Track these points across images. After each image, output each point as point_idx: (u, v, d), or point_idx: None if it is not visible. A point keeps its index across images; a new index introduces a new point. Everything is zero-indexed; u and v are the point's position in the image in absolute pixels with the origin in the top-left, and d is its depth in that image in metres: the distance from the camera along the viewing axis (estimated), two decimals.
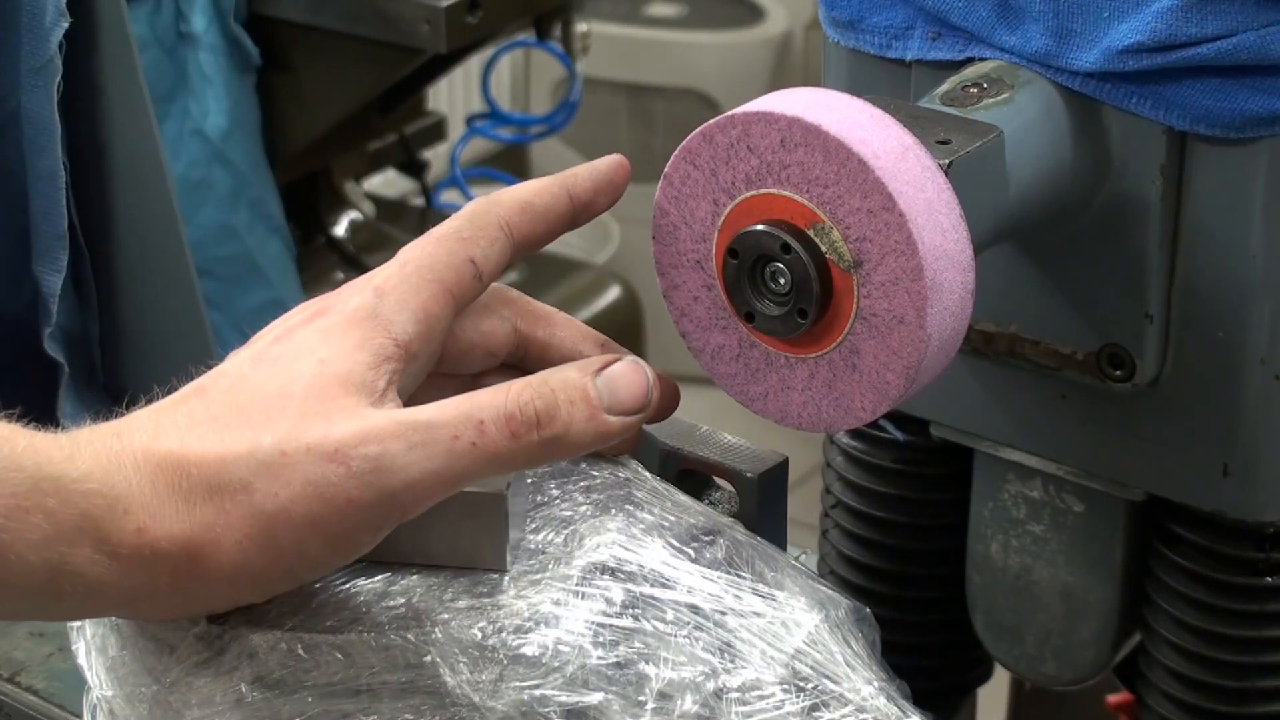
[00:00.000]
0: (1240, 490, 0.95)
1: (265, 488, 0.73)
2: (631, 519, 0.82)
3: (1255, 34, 0.86)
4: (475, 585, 0.78)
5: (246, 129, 2.10)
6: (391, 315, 0.77)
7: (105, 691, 0.80)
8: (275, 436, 0.74)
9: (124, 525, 0.73)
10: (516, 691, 0.75)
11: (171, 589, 0.74)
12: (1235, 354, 0.92)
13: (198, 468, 0.74)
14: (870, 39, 0.96)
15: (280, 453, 0.74)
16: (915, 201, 0.77)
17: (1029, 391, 0.99)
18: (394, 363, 0.77)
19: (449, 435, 0.74)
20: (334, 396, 0.75)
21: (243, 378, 0.77)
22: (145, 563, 0.73)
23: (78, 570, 0.73)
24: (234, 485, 0.74)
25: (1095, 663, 1.06)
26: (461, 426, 0.75)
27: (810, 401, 0.83)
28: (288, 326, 0.78)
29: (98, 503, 0.73)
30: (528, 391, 0.76)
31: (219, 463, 0.74)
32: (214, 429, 0.75)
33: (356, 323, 0.77)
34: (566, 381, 0.77)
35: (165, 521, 0.73)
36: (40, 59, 1.34)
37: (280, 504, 0.73)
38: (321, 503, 0.73)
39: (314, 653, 0.76)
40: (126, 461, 0.74)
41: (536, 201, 0.82)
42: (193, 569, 0.74)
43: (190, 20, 2.02)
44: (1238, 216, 0.90)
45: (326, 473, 0.73)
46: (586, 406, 0.77)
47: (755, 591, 0.80)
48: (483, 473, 0.76)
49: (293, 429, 0.74)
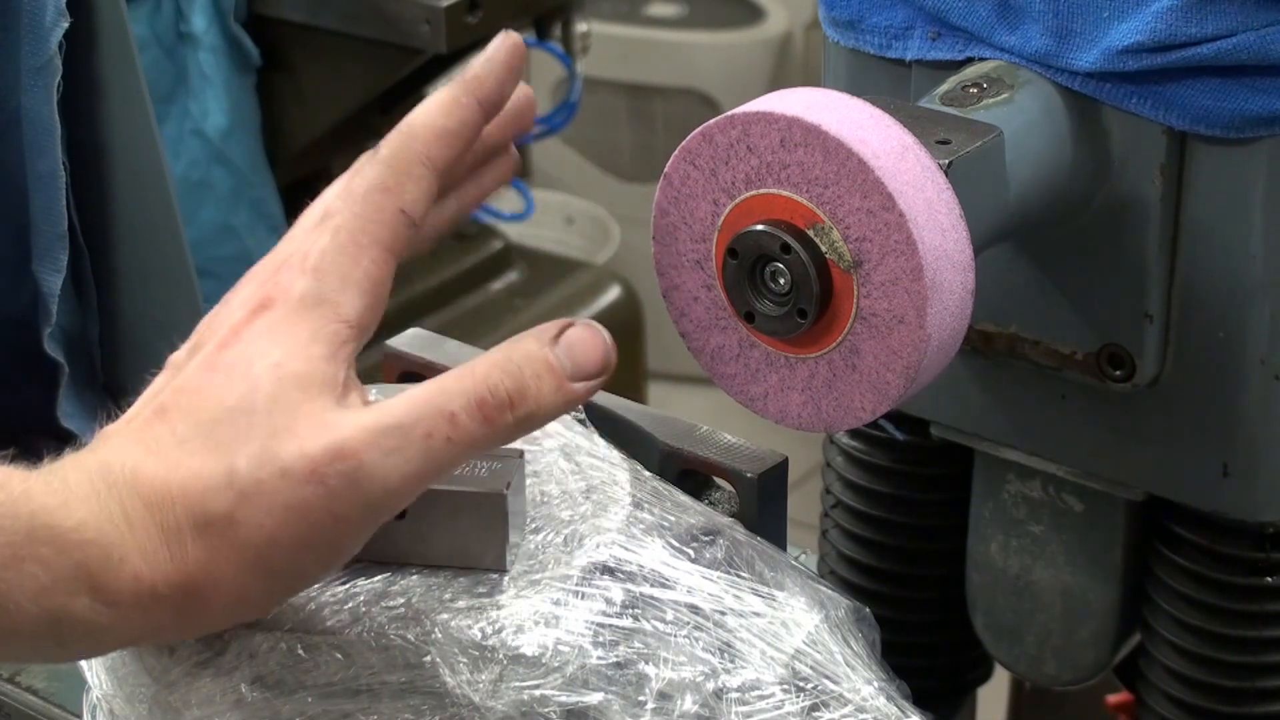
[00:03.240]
0: (1240, 490, 0.95)
1: (249, 519, 0.72)
2: (631, 519, 0.82)
3: (1255, 34, 0.86)
4: (475, 585, 0.78)
5: (246, 129, 2.10)
6: (337, 296, 0.75)
7: (105, 691, 0.80)
8: (248, 461, 0.72)
9: (120, 573, 0.72)
10: (516, 691, 0.75)
11: (175, 625, 0.74)
12: (1235, 354, 0.92)
13: (181, 503, 0.72)
14: (870, 39, 0.96)
15: (256, 480, 0.72)
16: (915, 201, 0.77)
17: (1029, 391, 0.99)
18: (349, 345, 0.75)
19: (422, 434, 0.73)
20: (297, 404, 0.73)
21: (199, 391, 0.74)
22: (145, 608, 0.72)
23: (78, 619, 0.72)
24: (219, 520, 0.72)
25: (1095, 663, 1.06)
26: (434, 422, 0.73)
27: (810, 401, 0.82)
28: (232, 326, 0.76)
29: (93, 553, 0.71)
30: (495, 372, 0.74)
31: (200, 494, 0.72)
32: (186, 454, 0.73)
33: (303, 313, 0.75)
34: (529, 355, 0.75)
35: (161, 566, 0.72)
36: (40, 59, 1.34)
37: (267, 534, 0.72)
38: (306, 525, 0.72)
39: (314, 653, 0.76)
40: (114, 505, 0.72)
41: (450, 123, 0.79)
42: (193, 605, 0.73)
43: (190, 20, 2.02)
44: (1238, 216, 0.90)
45: (305, 495, 0.72)
46: (553, 377, 0.75)
47: (755, 591, 0.80)
48: (460, 462, 0.75)
49: (263, 451, 0.72)
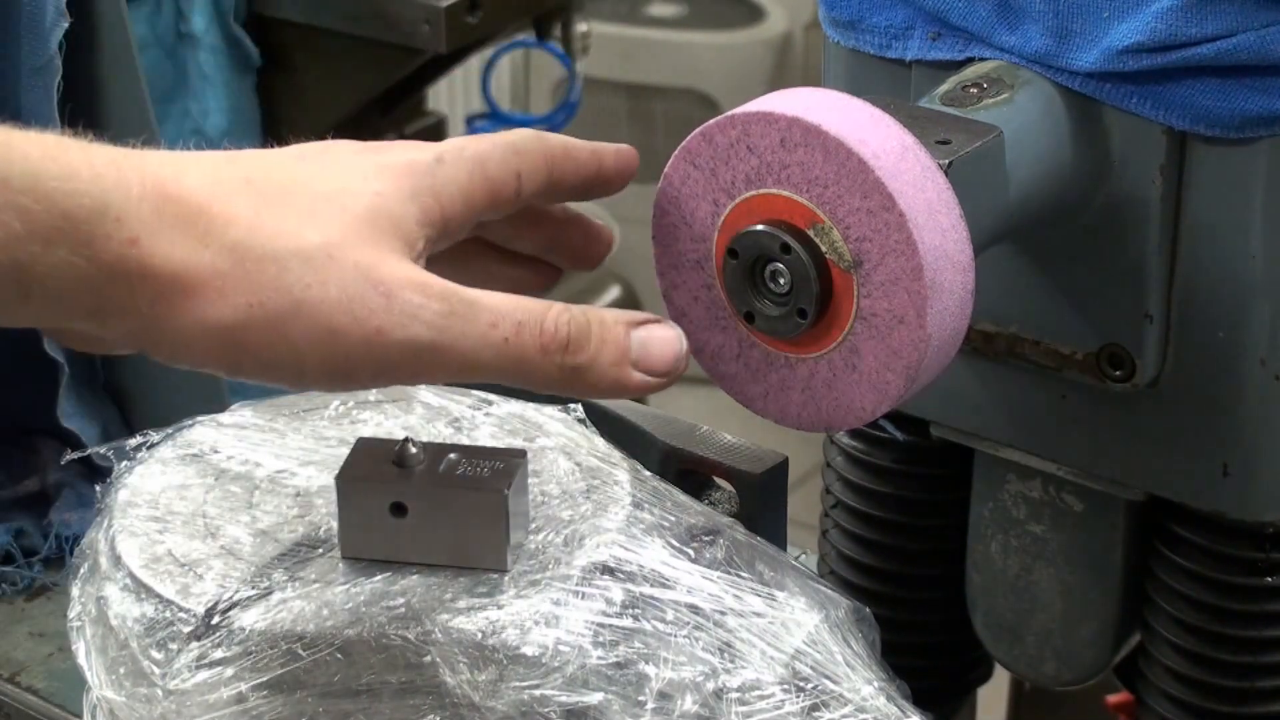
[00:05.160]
0: (1240, 490, 0.95)
1: (299, 273, 0.71)
2: (631, 519, 0.82)
3: (1255, 34, 0.86)
4: (475, 585, 0.78)
5: (246, 129, 2.10)
6: (444, 184, 0.76)
7: (105, 692, 0.80)
8: (324, 237, 0.72)
9: (113, 233, 0.69)
10: (516, 691, 0.75)
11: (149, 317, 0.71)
12: (1235, 354, 0.92)
13: (222, 222, 0.70)
14: (870, 39, 0.96)
15: (326, 254, 0.71)
16: (915, 201, 0.77)
17: (1029, 391, 0.99)
18: (433, 229, 0.76)
19: (488, 321, 0.74)
20: (385, 234, 0.73)
21: (285, 165, 0.74)
22: (130, 278, 0.70)
23: (49, 272, 0.69)
24: (263, 255, 0.71)
25: (1095, 663, 1.06)
26: (502, 318, 0.74)
27: (810, 401, 0.82)
28: (328, 144, 0.76)
29: (83, 204, 0.69)
30: (565, 314, 0.76)
31: (250, 228, 0.71)
32: (248, 195, 0.72)
33: (412, 174, 0.76)
34: (604, 321, 0.77)
35: (164, 245, 0.70)
36: (40, 59, 1.34)
37: (310, 296, 0.71)
38: (349, 317, 0.71)
39: (314, 653, 0.76)
40: (131, 180, 0.70)
41: (576, 153, 0.82)
42: (180, 304, 0.71)
43: (190, 20, 2.02)
44: (1238, 217, 0.90)
45: (367, 294, 0.72)
46: (616, 352, 0.76)
47: (755, 591, 0.80)
48: (501, 372, 0.75)
49: (343, 239, 0.72)
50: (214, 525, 0.83)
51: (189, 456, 0.88)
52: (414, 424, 0.89)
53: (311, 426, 0.89)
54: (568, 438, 0.87)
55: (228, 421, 0.90)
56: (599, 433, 0.88)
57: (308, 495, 0.85)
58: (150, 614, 0.79)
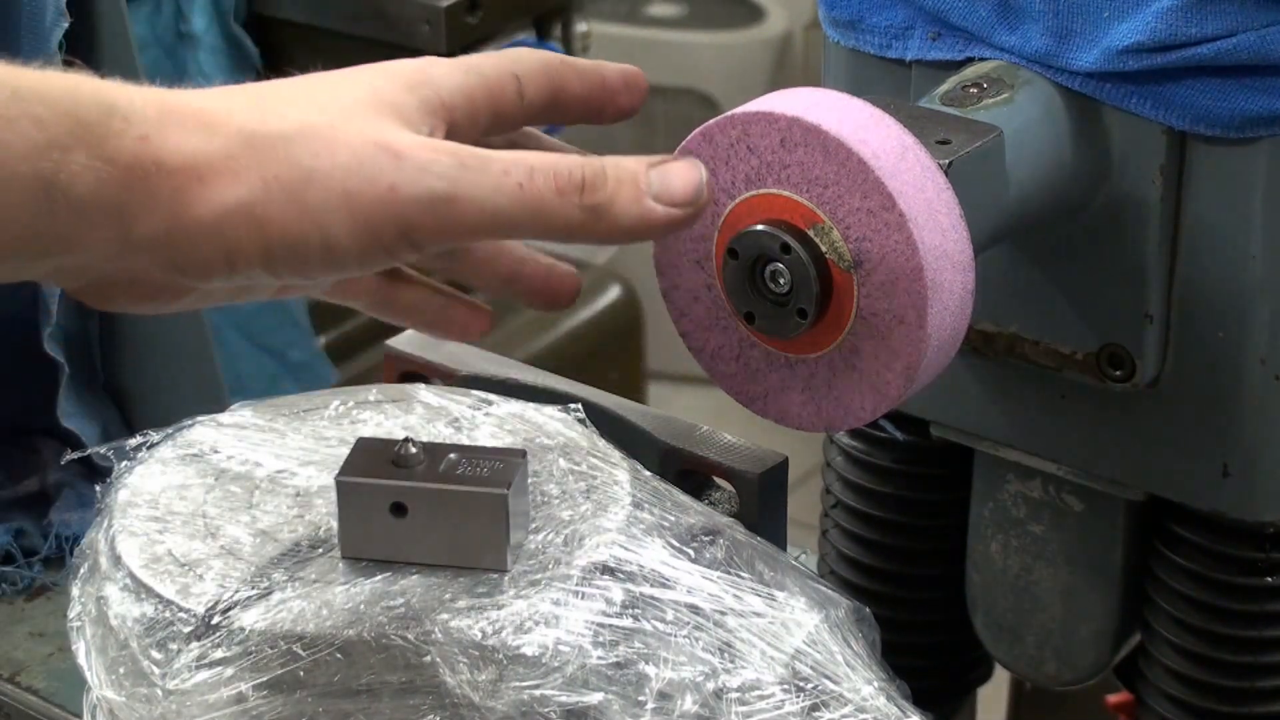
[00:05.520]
0: (1240, 490, 0.95)
1: (307, 146, 0.72)
2: (631, 519, 0.82)
3: (1255, 34, 0.86)
4: (475, 585, 0.78)
5: None
6: (441, 80, 0.78)
7: (105, 692, 0.80)
8: (327, 117, 0.73)
9: (123, 132, 0.71)
10: (516, 691, 0.75)
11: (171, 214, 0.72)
12: (1235, 354, 0.92)
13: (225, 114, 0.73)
14: (870, 39, 0.96)
15: (331, 128, 0.73)
16: (915, 201, 0.77)
17: (1029, 391, 0.99)
18: (437, 118, 0.77)
19: (500, 169, 0.74)
20: (387, 114, 0.75)
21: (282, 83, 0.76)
22: (147, 176, 0.71)
23: (72, 177, 0.70)
24: (270, 134, 0.73)
25: (1095, 663, 1.06)
26: (514, 164, 0.74)
27: (810, 401, 0.83)
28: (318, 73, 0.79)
29: (91, 108, 0.71)
30: (577, 159, 0.76)
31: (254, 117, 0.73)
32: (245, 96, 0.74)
33: (405, 75, 0.77)
34: (619, 162, 0.77)
35: (174, 139, 0.72)
36: (40, 59, 1.34)
37: (320, 164, 0.72)
38: (362, 180, 0.72)
39: (314, 653, 0.76)
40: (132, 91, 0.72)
41: (576, 62, 0.83)
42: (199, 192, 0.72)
43: (190, 20, 2.02)
44: (1238, 216, 0.90)
45: (376, 156, 0.73)
46: (634, 188, 0.76)
47: (755, 591, 0.80)
48: (520, 220, 0.75)
49: (347, 117, 0.74)
50: (214, 525, 0.83)
51: (189, 456, 0.88)
52: (414, 424, 0.89)
53: (311, 426, 0.89)
54: (568, 438, 0.87)
55: (228, 421, 0.90)
56: (599, 433, 0.88)
57: (308, 495, 0.85)
58: (150, 614, 0.79)
